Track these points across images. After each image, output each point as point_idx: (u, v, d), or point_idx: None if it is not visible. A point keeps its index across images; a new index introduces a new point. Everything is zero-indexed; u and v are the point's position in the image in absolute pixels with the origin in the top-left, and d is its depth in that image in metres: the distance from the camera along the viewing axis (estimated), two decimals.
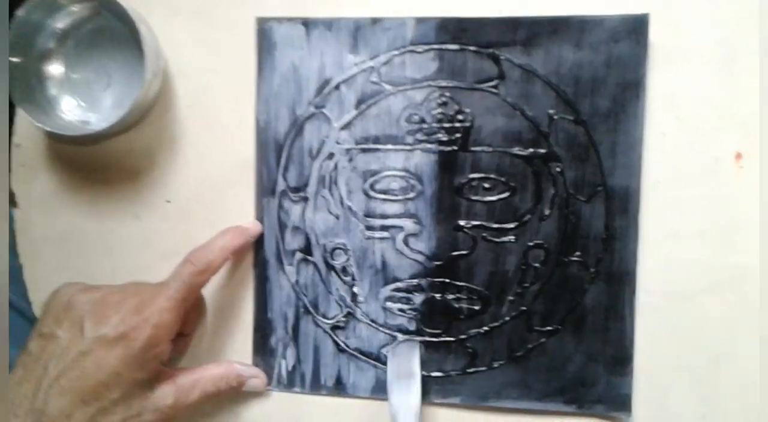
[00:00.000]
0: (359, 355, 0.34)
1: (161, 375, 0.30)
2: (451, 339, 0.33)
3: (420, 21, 0.32)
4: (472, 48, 0.32)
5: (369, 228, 0.33)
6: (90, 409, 0.27)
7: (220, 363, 0.32)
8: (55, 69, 0.34)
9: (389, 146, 0.33)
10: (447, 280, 0.33)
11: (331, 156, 0.33)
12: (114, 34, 0.34)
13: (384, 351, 0.33)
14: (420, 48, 0.32)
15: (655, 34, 0.31)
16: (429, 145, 0.33)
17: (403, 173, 0.33)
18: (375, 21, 0.32)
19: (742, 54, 0.31)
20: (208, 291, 0.34)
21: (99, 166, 0.35)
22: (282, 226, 0.34)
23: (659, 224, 0.32)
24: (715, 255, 0.31)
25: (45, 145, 0.36)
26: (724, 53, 0.31)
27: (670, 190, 0.32)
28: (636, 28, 0.31)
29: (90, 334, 0.28)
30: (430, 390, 0.33)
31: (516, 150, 0.32)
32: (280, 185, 0.34)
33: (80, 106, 0.35)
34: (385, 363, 0.33)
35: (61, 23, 0.34)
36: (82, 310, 0.28)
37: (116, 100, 0.34)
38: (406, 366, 0.31)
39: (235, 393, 0.33)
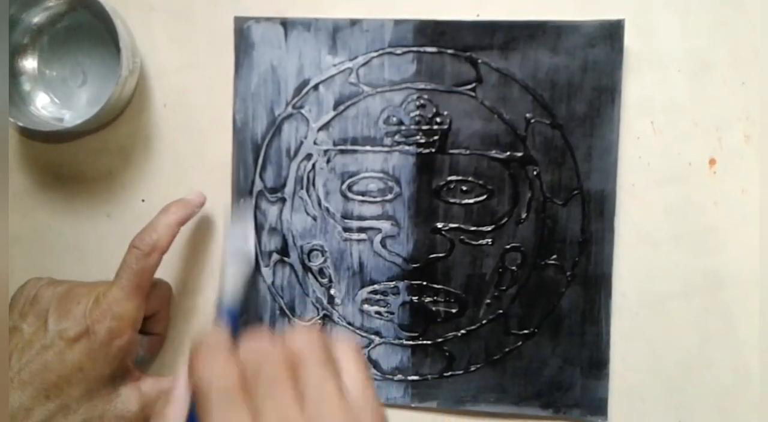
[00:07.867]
0: None
1: (127, 375, 0.29)
2: (428, 342, 0.33)
3: (398, 23, 0.32)
4: (449, 51, 0.32)
5: (346, 229, 0.33)
6: (52, 405, 0.27)
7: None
8: (29, 64, 0.34)
9: (367, 147, 0.33)
10: (424, 283, 0.33)
11: (309, 157, 0.33)
12: (90, 31, 0.33)
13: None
14: (398, 50, 0.32)
15: (630, 39, 0.31)
16: (407, 147, 0.32)
17: (381, 175, 0.33)
18: (353, 22, 0.32)
19: (715, 61, 0.31)
20: (181, 291, 0.34)
21: (72, 164, 0.35)
22: (259, 227, 0.33)
23: (634, 228, 0.32)
24: (690, 259, 0.32)
25: (17, 142, 0.35)
26: (698, 59, 0.32)
27: (644, 194, 0.32)
28: (611, 33, 0.31)
29: (53, 328, 0.28)
30: (407, 394, 0.33)
31: (493, 153, 0.32)
32: (257, 185, 0.33)
33: (54, 102, 0.34)
34: None
35: (36, 18, 0.33)
36: (47, 304, 0.28)
37: (91, 97, 0.34)
38: (242, 244, 0.27)
39: None
